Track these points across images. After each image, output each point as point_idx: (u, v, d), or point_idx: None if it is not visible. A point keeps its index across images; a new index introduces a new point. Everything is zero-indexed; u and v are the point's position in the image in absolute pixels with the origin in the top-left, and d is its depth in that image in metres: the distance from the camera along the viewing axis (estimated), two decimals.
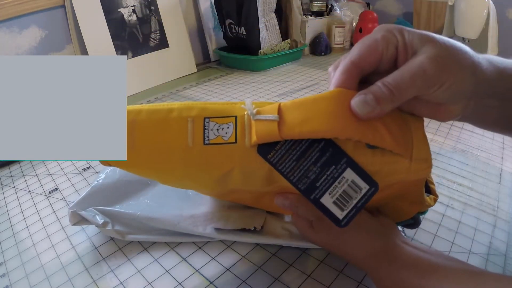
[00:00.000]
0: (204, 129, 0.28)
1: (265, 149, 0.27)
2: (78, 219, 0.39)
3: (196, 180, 0.30)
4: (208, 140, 0.27)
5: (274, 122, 0.26)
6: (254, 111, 0.27)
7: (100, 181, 0.43)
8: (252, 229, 0.37)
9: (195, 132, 0.28)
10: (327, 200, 0.26)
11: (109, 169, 0.46)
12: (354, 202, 0.26)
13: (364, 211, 0.32)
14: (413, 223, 0.35)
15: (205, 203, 0.41)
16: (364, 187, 0.26)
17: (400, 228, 0.38)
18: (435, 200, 0.33)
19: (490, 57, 0.27)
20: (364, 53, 0.26)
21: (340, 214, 0.26)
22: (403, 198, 0.31)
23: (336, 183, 0.26)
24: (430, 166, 0.27)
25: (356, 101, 0.25)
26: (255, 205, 0.38)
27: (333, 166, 0.26)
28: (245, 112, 0.28)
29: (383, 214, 0.34)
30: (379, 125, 0.26)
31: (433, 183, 0.35)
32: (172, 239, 0.39)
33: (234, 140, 0.27)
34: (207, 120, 0.28)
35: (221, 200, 0.41)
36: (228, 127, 0.28)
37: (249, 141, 0.27)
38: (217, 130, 0.28)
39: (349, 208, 0.27)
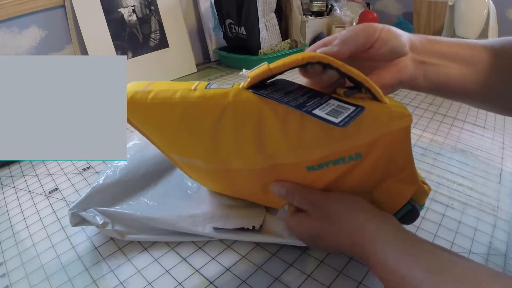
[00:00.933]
0: (207, 84, 0.33)
1: (257, 89, 0.31)
2: (79, 220, 0.39)
3: (192, 127, 0.33)
4: (209, 87, 0.32)
5: (264, 65, 0.30)
6: (247, 72, 0.32)
7: (100, 181, 0.43)
8: (251, 228, 0.37)
9: (200, 84, 0.32)
10: (319, 112, 0.28)
11: (109, 169, 0.46)
12: (346, 114, 0.28)
13: (360, 198, 0.32)
14: (411, 209, 0.34)
15: (204, 202, 0.41)
16: (351, 107, 0.28)
17: None
18: (428, 189, 0.34)
19: (422, 35, 0.36)
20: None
21: (335, 119, 0.27)
22: (394, 174, 0.32)
23: (324, 105, 0.29)
24: (409, 113, 0.30)
25: (320, 49, 0.33)
26: (251, 197, 0.38)
27: (318, 98, 0.30)
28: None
29: (378, 204, 0.33)
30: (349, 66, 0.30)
31: (422, 179, 0.35)
32: (172, 238, 0.39)
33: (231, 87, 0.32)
34: (211, 83, 0.33)
35: (221, 199, 0.41)
36: (227, 86, 0.33)
37: (243, 85, 0.31)
38: (218, 86, 0.32)
39: (343, 116, 0.27)
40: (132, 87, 0.34)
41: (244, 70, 0.32)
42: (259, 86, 0.31)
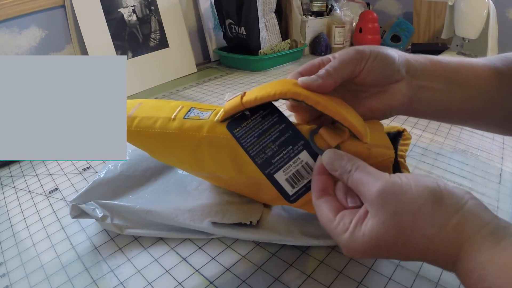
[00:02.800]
0: (188, 111, 0.34)
1: (233, 125, 0.31)
2: (78, 212, 0.39)
3: (173, 151, 0.35)
4: (188, 116, 0.33)
5: (238, 96, 0.31)
6: (229, 98, 0.32)
7: (102, 175, 0.44)
8: (248, 223, 0.37)
9: (180, 112, 0.34)
10: (280, 177, 0.29)
11: (110, 164, 0.46)
12: (305, 181, 0.29)
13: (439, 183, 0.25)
14: None
15: (203, 198, 0.41)
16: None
17: None
18: None
19: (424, 55, 0.34)
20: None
21: (290, 190, 0.29)
22: None
23: (291, 162, 0.29)
24: (391, 149, 0.29)
25: (302, 78, 0.31)
26: (250, 194, 0.39)
27: (290, 147, 0.29)
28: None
29: None
30: (330, 100, 0.30)
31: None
32: (170, 234, 0.39)
33: (207, 118, 0.33)
34: (193, 108, 0.35)
35: (219, 195, 0.41)
36: (206, 113, 0.34)
37: (218, 118, 0.32)
38: (197, 113, 0.34)
39: (300, 186, 0.29)
40: None
41: (227, 95, 0.34)
42: (237, 118, 0.32)
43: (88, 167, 0.55)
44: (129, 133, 0.35)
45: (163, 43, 0.98)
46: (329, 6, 1.20)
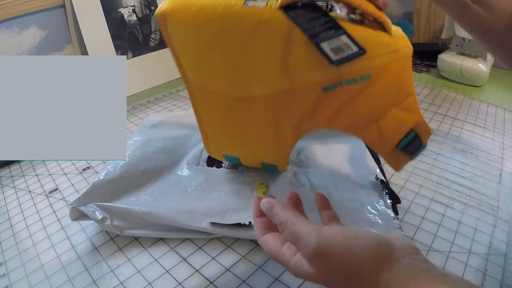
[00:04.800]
0: (245, 1, 0.36)
1: (288, 10, 0.34)
2: (78, 215, 0.39)
3: (226, 43, 0.36)
4: (247, 3, 0.35)
5: None
6: None
7: (101, 177, 0.44)
8: (247, 224, 0.37)
9: (238, 0, 0.36)
10: (325, 46, 0.32)
11: (110, 165, 0.46)
12: (345, 54, 0.32)
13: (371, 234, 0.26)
14: (415, 137, 0.36)
15: (202, 199, 0.42)
16: (355, 48, 0.32)
17: (397, 222, 0.38)
18: (431, 129, 0.37)
19: None
20: None
21: (333, 56, 0.32)
22: (399, 102, 0.35)
23: (334, 39, 0.33)
24: (409, 43, 0.34)
25: None
26: (262, 139, 0.39)
27: (333, 30, 0.33)
28: None
29: (384, 135, 0.35)
30: None
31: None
32: (170, 235, 0.39)
33: (265, 5, 0.35)
34: (247, 1, 0.36)
35: (219, 196, 0.42)
36: (262, 3, 0.35)
37: (276, 4, 0.34)
38: (254, 3, 0.35)
39: (341, 56, 0.32)
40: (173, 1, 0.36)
41: None
42: (291, 7, 0.35)
43: (88, 167, 0.55)
44: (186, 17, 0.35)
45: (163, 43, 0.98)
46: (329, 6, 1.20)
